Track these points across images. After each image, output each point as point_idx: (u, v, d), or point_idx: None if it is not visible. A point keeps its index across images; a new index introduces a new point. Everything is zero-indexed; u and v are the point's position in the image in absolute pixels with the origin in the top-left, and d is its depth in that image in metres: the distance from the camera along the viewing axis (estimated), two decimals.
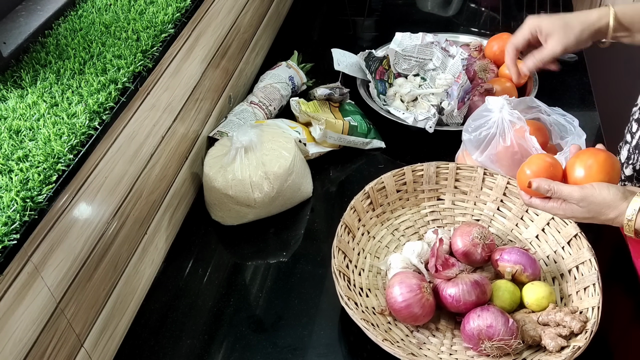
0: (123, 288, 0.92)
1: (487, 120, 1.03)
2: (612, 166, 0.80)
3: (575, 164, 0.82)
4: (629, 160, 1.05)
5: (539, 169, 0.83)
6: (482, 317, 0.83)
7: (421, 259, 0.96)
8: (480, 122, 1.04)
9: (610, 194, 0.77)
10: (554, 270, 0.96)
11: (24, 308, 0.69)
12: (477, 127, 1.04)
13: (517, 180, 0.88)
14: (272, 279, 1.01)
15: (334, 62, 1.36)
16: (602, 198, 0.77)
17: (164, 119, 1.02)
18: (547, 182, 0.81)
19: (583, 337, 0.81)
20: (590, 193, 0.77)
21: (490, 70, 1.37)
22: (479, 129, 1.03)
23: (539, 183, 0.81)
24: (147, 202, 0.98)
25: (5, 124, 0.77)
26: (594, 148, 0.85)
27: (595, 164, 0.80)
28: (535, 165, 0.84)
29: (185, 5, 1.03)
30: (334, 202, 1.16)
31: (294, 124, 1.23)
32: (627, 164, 1.06)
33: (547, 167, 0.83)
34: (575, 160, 0.83)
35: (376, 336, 0.82)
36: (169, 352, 0.91)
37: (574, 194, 0.78)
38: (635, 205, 0.75)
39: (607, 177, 0.79)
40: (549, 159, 0.84)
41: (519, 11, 1.70)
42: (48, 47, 0.91)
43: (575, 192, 0.78)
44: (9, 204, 0.67)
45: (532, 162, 0.85)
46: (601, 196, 0.77)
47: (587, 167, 0.80)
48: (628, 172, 1.06)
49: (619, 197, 0.76)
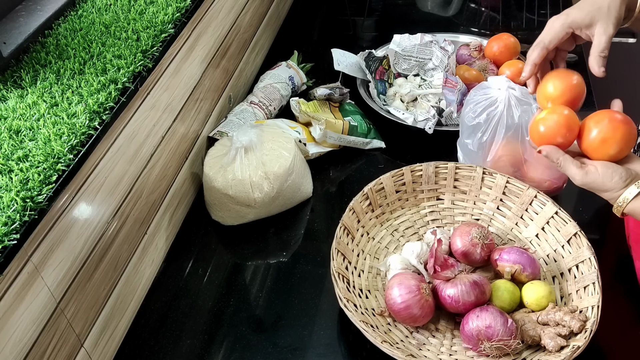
0: (123, 288, 0.93)
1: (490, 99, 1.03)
2: (628, 134, 0.79)
3: (589, 126, 0.81)
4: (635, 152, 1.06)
5: (554, 128, 0.82)
6: (481, 318, 0.83)
7: (420, 259, 0.96)
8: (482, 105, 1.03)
9: (612, 181, 0.78)
10: (553, 269, 0.96)
11: (24, 308, 0.69)
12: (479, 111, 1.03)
13: (529, 131, 0.87)
14: (272, 279, 1.02)
15: (334, 62, 1.36)
16: (602, 183, 0.78)
17: (164, 119, 1.02)
18: (557, 153, 0.81)
19: (582, 337, 0.81)
20: (592, 179, 0.79)
21: (490, 70, 1.37)
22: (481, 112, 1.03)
23: (549, 152, 0.81)
24: (147, 202, 0.98)
25: (5, 124, 0.77)
26: (612, 111, 0.83)
27: (608, 130, 0.79)
28: (549, 122, 0.82)
29: (185, 5, 1.03)
30: (334, 202, 1.16)
31: (294, 124, 1.23)
32: None
33: (562, 126, 0.82)
34: (589, 121, 0.82)
35: (375, 338, 0.82)
36: (169, 352, 0.91)
37: (576, 178, 0.80)
38: (628, 195, 0.77)
39: (620, 146, 0.79)
40: (565, 114, 0.82)
41: (519, 11, 1.70)
42: (48, 47, 0.91)
43: (578, 176, 0.79)
44: (9, 204, 0.67)
45: (547, 118, 0.83)
46: (602, 182, 0.78)
47: (599, 134, 0.80)
48: None
49: (620, 185, 0.78)
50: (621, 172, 0.78)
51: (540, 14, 1.67)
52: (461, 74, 1.34)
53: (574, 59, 1.44)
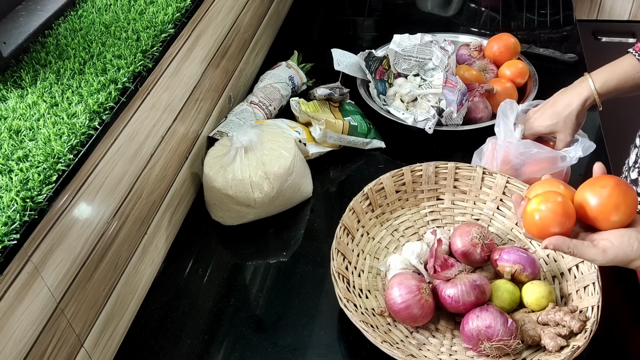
0: (123, 288, 0.93)
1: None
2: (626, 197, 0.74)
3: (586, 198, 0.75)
4: (635, 163, 1.05)
5: (549, 217, 0.74)
6: (481, 318, 0.83)
7: (420, 259, 0.96)
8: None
9: (634, 249, 0.71)
10: (553, 269, 0.96)
11: (24, 308, 0.69)
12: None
13: (523, 222, 0.79)
14: (272, 279, 1.02)
15: (334, 62, 1.36)
16: (625, 255, 0.72)
17: (164, 119, 1.02)
18: (565, 243, 0.73)
19: (582, 337, 0.81)
20: (614, 255, 0.72)
21: (490, 70, 1.37)
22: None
23: (556, 245, 0.73)
24: (147, 202, 0.98)
25: (5, 124, 0.77)
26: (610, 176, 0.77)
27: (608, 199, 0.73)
28: (545, 212, 0.75)
29: (185, 5, 1.03)
30: (334, 202, 1.16)
31: (294, 124, 1.23)
32: (634, 167, 1.06)
33: (559, 215, 0.74)
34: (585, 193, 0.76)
35: (375, 338, 0.82)
36: (169, 352, 0.91)
37: (598, 259, 0.73)
38: None
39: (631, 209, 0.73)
40: (560, 199, 0.75)
41: (519, 11, 1.70)
42: (48, 47, 0.91)
43: (599, 257, 0.72)
44: (9, 204, 0.67)
45: (542, 208, 0.75)
46: (625, 254, 0.72)
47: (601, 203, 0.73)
48: (633, 176, 1.06)
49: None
50: (637, 236, 0.72)
51: (540, 14, 1.68)
52: (461, 74, 1.34)
53: (574, 59, 1.44)
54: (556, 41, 1.55)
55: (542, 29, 1.61)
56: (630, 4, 1.96)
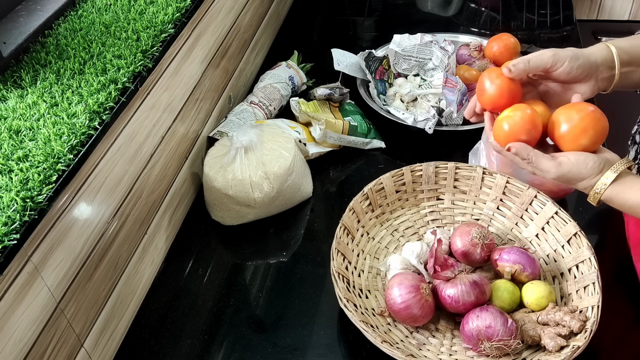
0: (123, 288, 0.93)
1: None
2: (597, 124, 0.76)
3: (559, 119, 0.78)
4: (635, 160, 1.05)
5: (518, 124, 0.78)
6: (481, 318, 0.83)
7: (420, 259, 0.96)
8: None
9: (587, 168, 0.75)
10: (553, 269, 0.96)
11: (24, 308, 0.69)
12: None
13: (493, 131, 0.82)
14: (272, 279, 1.02)
15: (334, 62, 1.36)
16: (578, 172, 0.75)
17: (164, 119, 1.02)
18: (526, 149, 0.77)
19: (582, 337, 0.81)
20: (567, 170, 0.76)
21: None
22: None
23: (518, 150, 0.77)
24: (147, 202, 0.98)
25: (5, 124, 0.77)
26: (584, 103, 0.79)
27: (579, 122, 0.76)
28: (514, 120, 0.78)
29: (185, 5, 1.03)
30: (334, 202, 1.16)
31: (294, 124, 1.23)
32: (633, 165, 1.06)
33: (527, 123, 0.78)
34: (560, 114, 0.78)
35: (375, 338, 0.82)
36: (169, 352, 0.91)
37: (551, 171, 0.76)
38: (606, 180, 0.75)
39: (598, 135, 0.76)
40: (529, 111, 0.79)
41: (519, 11, 1.70)
42: (48, 47, 0.91)
43: (553, 169, 0.76)
44: (9, 204, 0.67)
45: (511, 115, 0.79)
46: (578, 171, 0.75)
47: (571, 125, 0.76)
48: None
49: (595, 171, 0.75)
50: (594, 159, 0.75)
51: (540, 14, 1.68)
52: (461, 74, 1.34)
53: None
54: (556, 41, 1.55)
55: (542, 29, 1.61)
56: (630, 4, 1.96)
